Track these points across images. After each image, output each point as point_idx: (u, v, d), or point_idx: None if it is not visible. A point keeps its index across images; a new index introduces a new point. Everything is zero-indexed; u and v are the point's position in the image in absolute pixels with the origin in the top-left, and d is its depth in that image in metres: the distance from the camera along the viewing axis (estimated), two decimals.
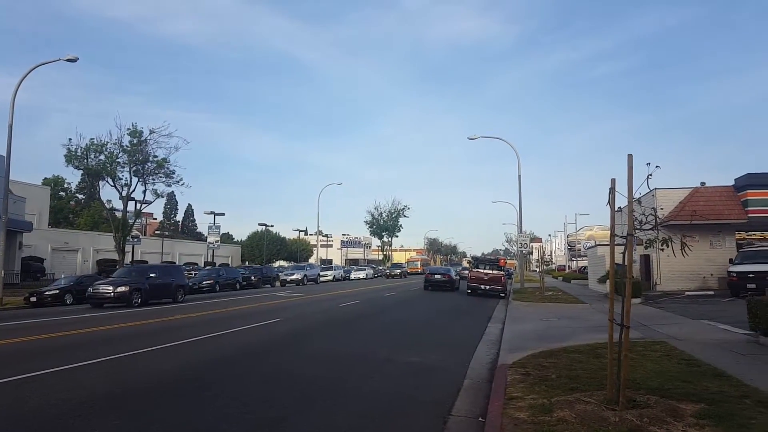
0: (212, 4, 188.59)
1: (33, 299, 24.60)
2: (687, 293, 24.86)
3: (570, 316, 17.43)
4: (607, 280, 8.21)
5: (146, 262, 57.91)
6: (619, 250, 6.16)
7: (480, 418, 6.28)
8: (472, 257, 53.92)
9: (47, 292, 25.46)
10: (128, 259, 40.51)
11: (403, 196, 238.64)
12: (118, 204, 38.87)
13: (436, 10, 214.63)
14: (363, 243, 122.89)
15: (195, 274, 43.92)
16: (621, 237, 6.14)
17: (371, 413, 6.53)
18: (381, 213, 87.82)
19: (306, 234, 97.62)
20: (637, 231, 6.21)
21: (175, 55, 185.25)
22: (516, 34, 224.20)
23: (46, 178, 70.84)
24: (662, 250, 6.30)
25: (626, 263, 5.95)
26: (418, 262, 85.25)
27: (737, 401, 6.06)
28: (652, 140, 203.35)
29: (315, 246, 78.12)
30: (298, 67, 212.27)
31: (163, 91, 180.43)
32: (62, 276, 36.28)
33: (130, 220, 37.63)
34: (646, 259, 29.35)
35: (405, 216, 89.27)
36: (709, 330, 12.72)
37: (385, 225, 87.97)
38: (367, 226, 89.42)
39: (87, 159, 35.01)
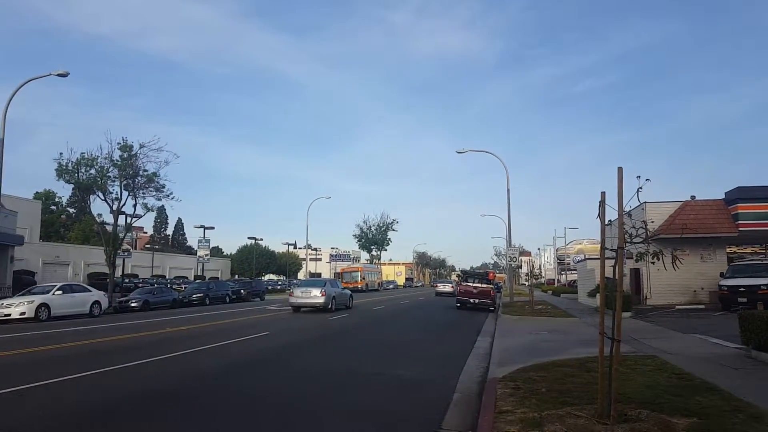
0: (198, 19, 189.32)
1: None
2: (678, 307, 24.89)
3: (560, 329, 17.38)
4: (597, 294, 8.20)
5: (137, 275, 57.53)
6: (609, 263, 6.15)
7: None
8: (461, 271, 53.35)
9: None
10: (119, 272, 40.13)
11: (392, 209, 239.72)
12: (108, 218, 38.58)
13: (422, 25, 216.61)
14: (352, 256, 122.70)
15: (185, 288, 43.61)
16: (611, 250, 6.14)
17: (360, 428, 6.44)
18: (370, 227, 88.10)
19: (295, 247, 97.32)
20: (627, 244, 6.20)
21: (162, 69, 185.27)
22: (500, 50, 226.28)
23: (37, 193, 70.24)
24: (653, 263, 6.30)
25: (617, 277, 5.93)
26: (358, 273, 71.50)
27: (730, 415, 6.02)
28: (639, 155, 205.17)
29: (304, 259, 77.77)
30: (285, 82, 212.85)
31: (151, 105, 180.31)
32: None
33: (120, 234, 37.34)
34: (636, 273, 29.41)
35: (394, 230, 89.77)
36: (700, 344, 12.70)
37: (374, 239, 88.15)
38: (356, 239, 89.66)
39: (78, 173, 34.82)
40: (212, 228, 63.74)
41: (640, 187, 6.25)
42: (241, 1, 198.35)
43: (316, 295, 27.12)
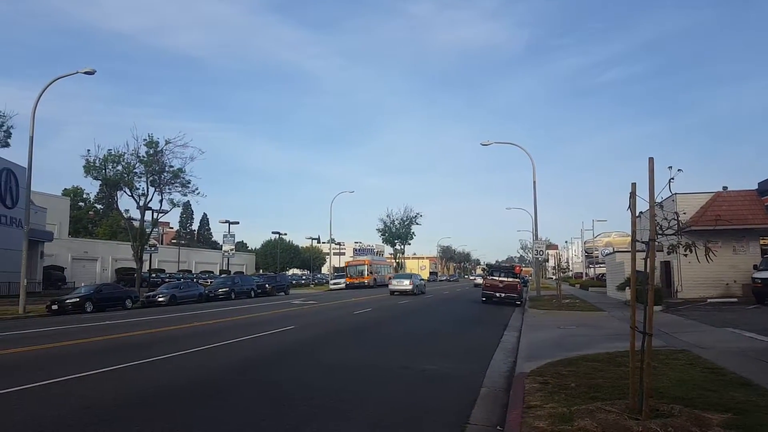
0: (218, 15, 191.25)
1: (54, 307, 24.92)
2: (709, 300, 24.37)
3: (588, 324, 17.16)
4: (627, 288, 8.07)
5: (164, 270, 58.58)
6: (640, 256, 6.02)
7: (498, 427, 6.15)
8: (487, 265, 52.68)
9: (68, 301, 25.80)
10: (146, 267, 40.86)
11: (416, 203, 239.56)
12: (135, 214, 39.35)
13: (443, 16, 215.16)
14: (375, 251, 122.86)
15: (211, 282, 44.24)
16: (642, 242, 6.00)
17: (386, 422, 6.43)
18: (393, 221, 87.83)
19: (319, 242, 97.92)
20: (658, 236, 6.06)
21: (184, 66, 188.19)
22: (525, 40, 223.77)
23: (65, 189, 72.00)
24: (685, 255, 6.14)
25: (648, 270, 5.80)
26: (365, 267, 62.05)
27: (766, 411, 5.86)
28: (668, 145, 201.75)
29: (328, 254, 77.80)
30: (306, 77, 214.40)
31: (173, 102, 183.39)
32: (82, 285, 36.74)
33: (147, 230, 37.99)
34: (666, 266, 28.86)
35: (417, 224, 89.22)
36: (733, 338, 12.41)
37: (398, 233, 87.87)
38: (380, 233, 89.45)
39: (105, 170, 35.54)
40: (237, 223, 64.34)
41: (672, 178, 6.09)
42: None
43: (406, 284, 40.17)
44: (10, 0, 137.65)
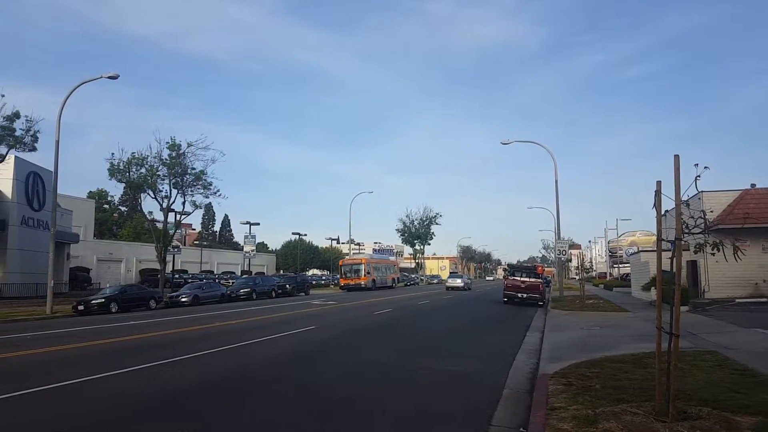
0: (238, 18, 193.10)
1: (80, 308, 25.38)
2: (738, 300, 23.83)
3: (613, 324, 16.92)
4: (652, 288, 7.93)
5: (186, 271, 59.34)
6: (665, 255, 5.91)
7: (521, 429, 6.08)
8: (508, 265, 52.19)
9: (93, 301, 26.24)
10: (169, 268, 41.40)
11: (435, 203, 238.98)
12: (158, 215, 39.96)
13: (462, 15, 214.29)
14: (395, 251, 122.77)
15: (232, 283, 44.67)
16: (668, 241, 5.89)
17: (408, 423, 6.41)
18: (413, 221, 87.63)
19: (338, 242, 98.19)
20: (685, 235, 5.94)
21: (204, 69, 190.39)
22: (544, 37, 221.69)
23: (90, 192, 73.25)
24: (713, 254, 6.02)
25: (674, 269, 5.69)
26: (361, 267, 54.69)
27: None
28: (691, 143, 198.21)
29: (347, 254, 77.62)
30: (324, 77, 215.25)
31: (194, 104, 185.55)
32: (107, 285, 37.40)
33: (170, 231, 38.49)
34: (693, 265, 28.31)
35: (437, 224, 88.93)
36: (763, 339, 12.13)
37: (417, 233, 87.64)
38: (399, 234, 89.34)
39: (129, 172, 36.06)
40: (258, 224, 64.85)
41: (698, 176, 5.97)
42: None
43: (459, 282, 52.15)
44: (36, 6, 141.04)
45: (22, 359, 11.58)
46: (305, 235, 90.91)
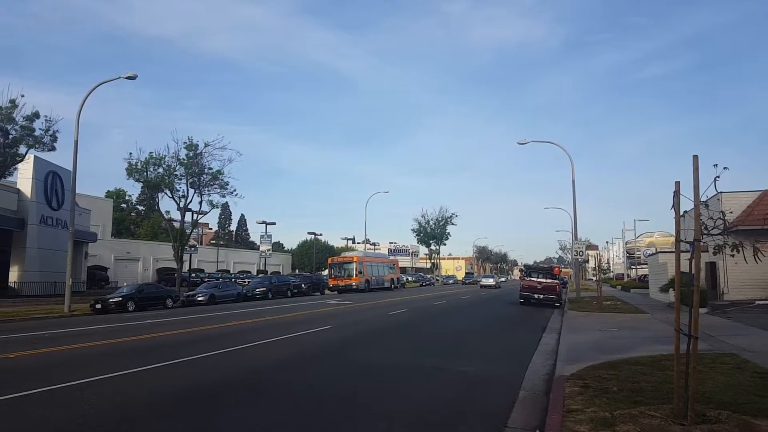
0: (253, 19, 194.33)
1: (98, 306, 25.72)
2: (758, 302, 23.44)
3: (630, 326, 16.74)
4: (670, 289, 7.83)
5: (203, 270, 59.82)
6: (684, 256, 5.83)
7: (537, 431, 6.05)
8: (524, 265, 51.57)
9: (111, 300, 26.56)
10: (186, 267, 41.77)
11: (451, 203, 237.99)
12: (176, 215, 40.22)
13: (478, 14, 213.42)
14: (410, 251, 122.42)
15: (248, 282, 44.96)
16: (687, 243, 5.82)
17: (423, 423, 6.41)
18: (428, 221, 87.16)
19: (354, 242, 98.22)
20: (704, 236, 5.86)
21: (221, 70, 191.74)
22: (562, 37, 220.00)
23: (108, 191, 74.13)
24: (732, 256, 5.95)
25: (693, 270, 5.62)
26: (352, 266, 49.66)
27: None
28: (711, 143, 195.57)
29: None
30: (339, 78, 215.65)
31: (210, 105, 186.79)
32: (124, 284, 37.85)
33: (187, 230, 38.83)
34: (712, 267, 27.91)
35: (453, 224, 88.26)
36: None
37: (433, 233, 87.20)
38: (414, 234, 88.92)
39: (146, 172, 36.42)
40: (273, 224, 65.32)
41: (718, 176, 5.90)
42: (293, 0, 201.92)
43: (491, 282, 63.53)
44: (55, 8, 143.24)
45: (40, 357, 11.76)
46: (321, 234, 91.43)
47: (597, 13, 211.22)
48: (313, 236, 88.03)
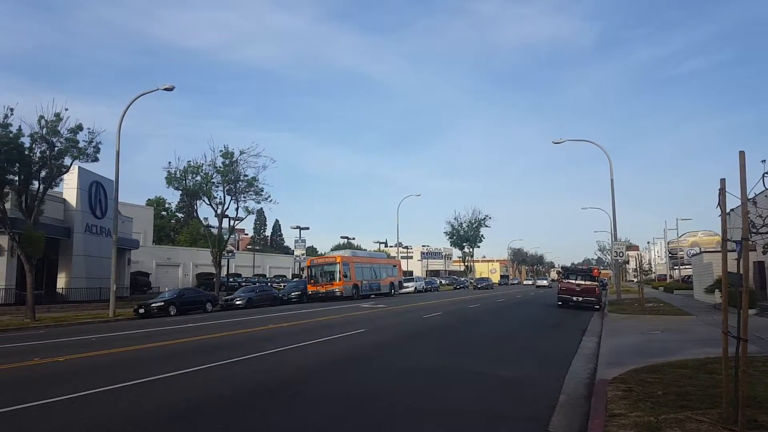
0: (286, 27, 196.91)
1: (141, 311, 26.45)
2: None
3: (674, 329, 16.28)
4: (716, 290, 7.59)
5: (240, 275, 60.81)
6: (731, 256, 5.65)
7: None
8: (562, 267, 49.79)
9: (153, 305, 27.28)
10: (224, 272, 42.53)
11: (485, 205, 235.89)
12: (213, 221, 41.08)
13: (509, 13, 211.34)
14: (443, 254, 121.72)
15: (284, 286, 45.47)
16: (734, 242, 5.64)
17: (461, 427, 6.36)
18: (461, 223, 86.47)
19: (386, 246, 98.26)
20: (752, 235, 5.67)
21: (255, 78, 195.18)
22: (596, 33, 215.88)
23: (149, 199, 76.10)
24: None
25: (740, 270, 5.43)
26: (336, 268, 40.55)
27: None
28: (757, 137, 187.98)
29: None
30: (371, 82, 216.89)
31: (247, 113, 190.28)
32: (166, 289, 38.80)
33: (225, 236, 39.56)
34: (760, 266, 26.91)
35: (486, 226, 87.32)
36: None
37: (466, 235, 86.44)
38: (447, 237, 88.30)
39: (185, 180, 37.34)
40: (307, 228, 65.89)
41: (766, 172, 5.72)
42: (325, 6, 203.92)
43: (545, 282, 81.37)
44: (97, 24, 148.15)
45: (90, 360, 12.16)
46: (353, 238, 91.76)
47: (630, 7, 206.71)
48: (345, 240, 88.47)
